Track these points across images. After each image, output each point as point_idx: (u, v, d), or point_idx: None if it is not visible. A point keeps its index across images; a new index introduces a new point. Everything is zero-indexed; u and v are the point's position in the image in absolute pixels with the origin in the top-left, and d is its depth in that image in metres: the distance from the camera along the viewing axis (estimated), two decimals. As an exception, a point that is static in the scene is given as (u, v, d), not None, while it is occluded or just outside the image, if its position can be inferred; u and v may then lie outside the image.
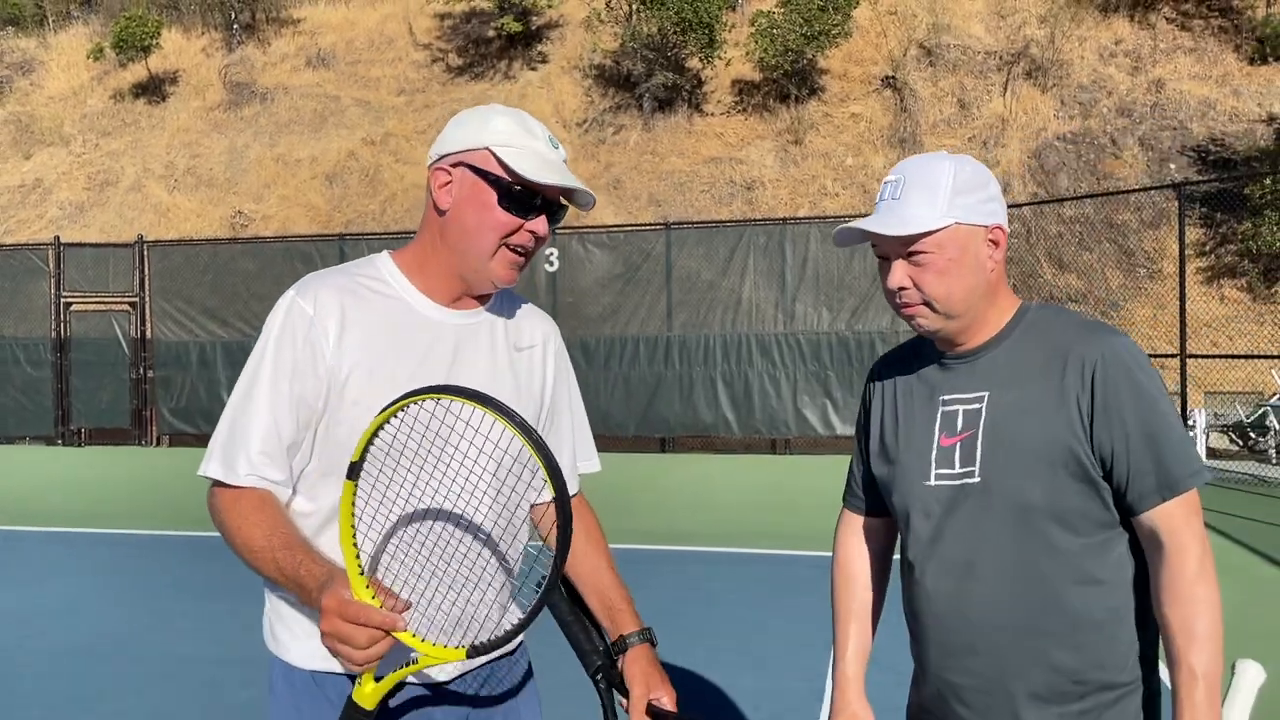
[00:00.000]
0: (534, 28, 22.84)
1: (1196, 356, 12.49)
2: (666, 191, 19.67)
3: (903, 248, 1.66)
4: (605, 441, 14.21)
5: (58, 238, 16.84)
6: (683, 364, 13.99)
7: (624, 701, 1.76)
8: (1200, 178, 17.43)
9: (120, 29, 22.73)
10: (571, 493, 1.92)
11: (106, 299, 15.97)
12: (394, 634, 1.38)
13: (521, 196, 1.65)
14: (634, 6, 20.61)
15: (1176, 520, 1.58)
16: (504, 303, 1.84)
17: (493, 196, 1.65)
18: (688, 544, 7.87)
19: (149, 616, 5.94)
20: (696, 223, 15.33)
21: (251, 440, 1.60)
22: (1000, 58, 20.80)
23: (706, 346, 13.95)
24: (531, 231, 1.68)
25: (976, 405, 1.69)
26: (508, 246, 1.67)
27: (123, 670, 4.98)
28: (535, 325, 1.88)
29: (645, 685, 1.76)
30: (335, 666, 1.63)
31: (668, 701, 1.74)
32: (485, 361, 1.75)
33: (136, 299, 15.86)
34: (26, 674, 4.94)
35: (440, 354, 1.70)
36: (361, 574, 1.43)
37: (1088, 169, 18.92)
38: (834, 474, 2.18)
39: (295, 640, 1.69)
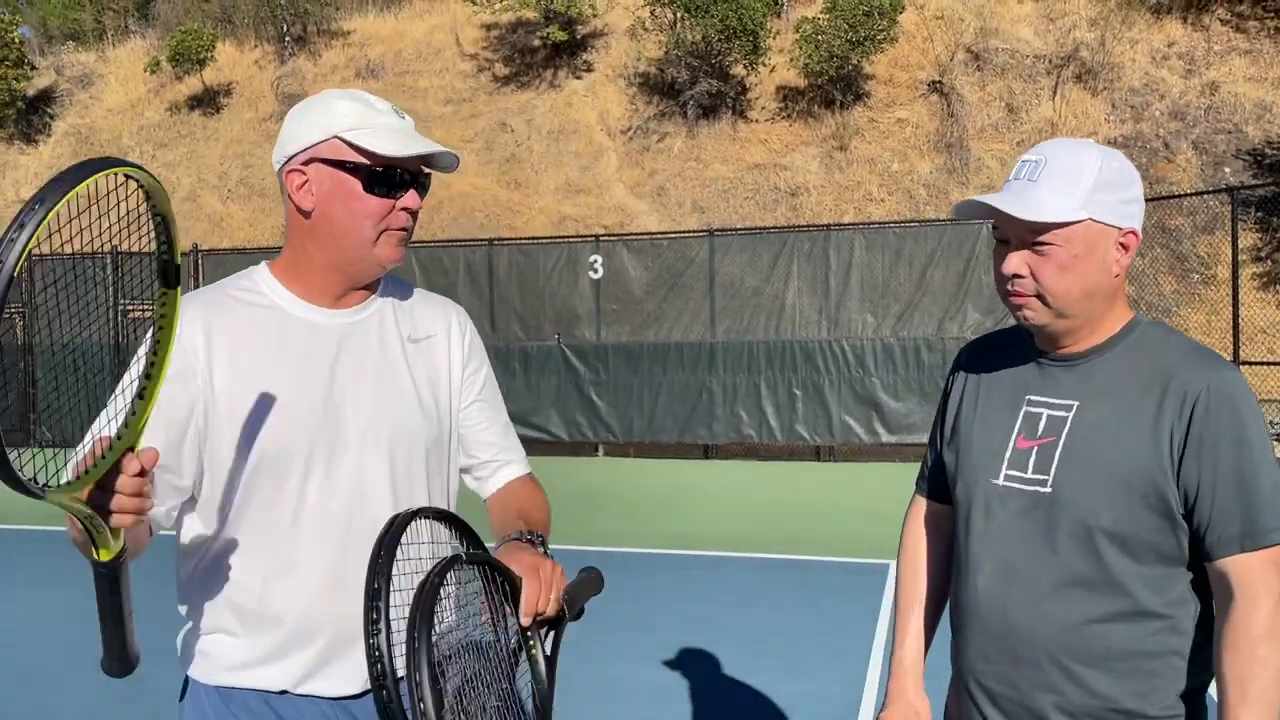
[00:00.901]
0: (579, 37, 23.00)
1: (1251, 364, 12.24)
2: (710, 198, 19.69)
3: (1028, 234, 1.56)
4: (648, 448, 14.31)
5: (115, 247, 17.25)
6: (726, 370, 13.98)
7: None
8: (1255, 181, 17.08)
9: (176, 43, 23.26)
10: (525, 471, 1.85)
11: (162, 306, 16.34)
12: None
13: (386, 177, 1.58)
14: (678, 14, 20.67)
15: (1254, 573, 1.50)
16: (396, 295, 1.76)
17: (357, 185, 1.57)
18: (729, 549, 7.87)
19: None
20: (740, 229, 15.33)
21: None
22: (1049, 61, 20.55)
23: (750, 353, 13.94)
24: (405, 209, 1.61)
25: (1063, 413, 1.61)
26: (388, 229, 1.61)
27: (180, 667, 5.11)
28: (434, 313, 1.79)
29: (535, 571, 1.42)
30: (244, 681, 1.61)
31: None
32: (373, 358, 1.67)
33: (191, 306, 16.22)
34: (89, 668, 5.10)
35: (321, 356, 1.62)
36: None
37: (1140, 173, 18.61)
38: (878, 481, 2.11)
39: (203, 657, 1.68)
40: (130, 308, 16.40)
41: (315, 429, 1.59)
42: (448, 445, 1.75)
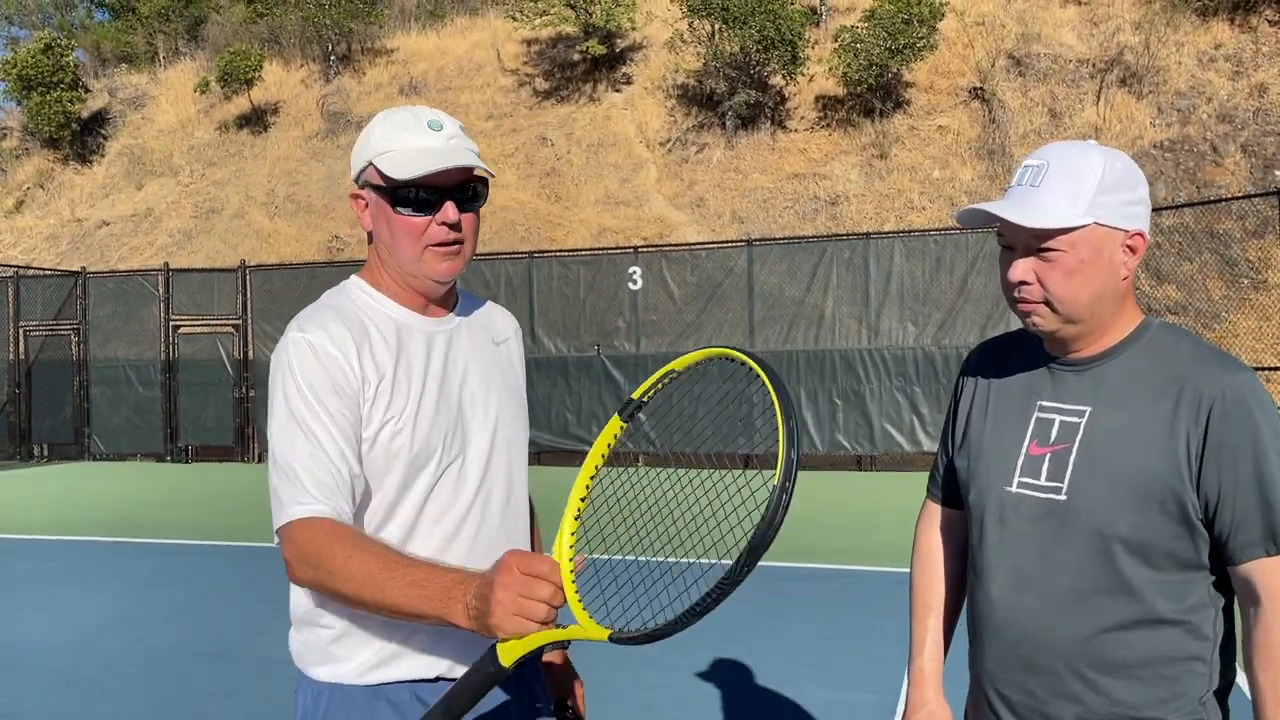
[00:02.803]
0: (618, 50, 23.15)
1: (1303, 369, 12.00)
2: (750, 208, 19.70)
3: (1032, 240, 1.53)
4: (686, 458, 14.32)
5: (167, 264, 17.66)
6: (766, 380, 13.95)
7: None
8: (1307, 184, 16.74)
9: (225, 63, 23.77)
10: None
11: (212, 322, 16.68)
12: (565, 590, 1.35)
13: (411, 197, 1.65)
14: (716, 26, 20.74)
15: (1278, 577, 1.48)
16: (470, 303, 1.88)
17: (388, 206, 1.67)
18: (767, 558, 7.86)
19: (248, 622, 6.22)
20: (779, 239, 15.34)
21: (310, 474, 1.55)
22: (1093, 65, 20.32)
23: (790, 362, 13.92)
24: (443, 223, 1.66)
25: (1075, 419, 1.58)
26: (430, 244, 1.68)
27: (222, 671, 5.24)
28: (503, 320, 1.93)
29: (558, 689, 1.89)
30: (393, 675, 1.63)
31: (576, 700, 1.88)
32: (473, 361, 1.79)
33: (239, 321, 16.53)
34: (135, 674, 5.24)
35: (435, 359, 1.73)
36: (576, 519, 1.31)
37: (1187, 177, 18.32)
38: (920, 491, 2.09)
39: (342, 661, 1.66)
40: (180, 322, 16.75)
41: (448, 428, 1.69)
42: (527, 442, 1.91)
